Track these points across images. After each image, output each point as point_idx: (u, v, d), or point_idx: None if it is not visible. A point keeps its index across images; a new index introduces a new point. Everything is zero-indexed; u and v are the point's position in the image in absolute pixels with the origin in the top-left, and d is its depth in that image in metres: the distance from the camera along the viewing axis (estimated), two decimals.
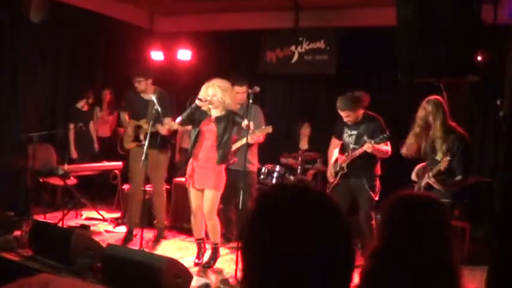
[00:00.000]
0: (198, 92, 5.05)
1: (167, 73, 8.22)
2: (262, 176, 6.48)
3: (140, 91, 5.81)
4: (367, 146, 4.88)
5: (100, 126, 8.05)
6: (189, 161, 5.10)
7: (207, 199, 4.93)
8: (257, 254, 1.12)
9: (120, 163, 6.86)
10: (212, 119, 4.99)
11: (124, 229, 6.03)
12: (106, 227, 6.41)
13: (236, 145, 5.45)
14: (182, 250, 5.60)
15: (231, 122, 4.95)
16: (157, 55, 8.27)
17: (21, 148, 6.49)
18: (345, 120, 5.10)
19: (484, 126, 6.59)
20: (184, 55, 8.22)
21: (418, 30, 4.34)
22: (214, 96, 4.91)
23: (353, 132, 5.14)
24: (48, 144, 7.09)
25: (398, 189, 1.97)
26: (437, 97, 4.45)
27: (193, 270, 4.70)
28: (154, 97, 5.36)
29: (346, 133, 5.22)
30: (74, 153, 7.48)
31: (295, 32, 7.72)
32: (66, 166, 6.29)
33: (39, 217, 6.00)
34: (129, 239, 5.77)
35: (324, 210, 1.13)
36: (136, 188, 5.88)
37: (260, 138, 5.52)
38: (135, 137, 5.85)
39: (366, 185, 5.05)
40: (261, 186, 6.27)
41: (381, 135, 4.86)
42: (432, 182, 4.35)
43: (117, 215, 6.81)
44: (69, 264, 4.43)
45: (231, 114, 4.98)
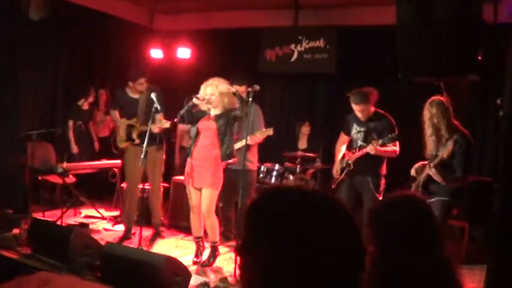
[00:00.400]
0: (197, 91, 5.03)
1: (167, 71, 8.22)
2: (261, 175, 6.47)
3: (139, 92, 5.78)
4: (370, 148, 4.87)
5: (98, 125, 8.04)
6: (188, 160, 5.09)
7: (205, 198, 4.92)
8: (257, 254, 1.11)
9: (119, 161, 6.85)
10: (211, 117, 4.98)
11: (123, 227, 6.03)
12: (105, 225, 6.41)
13: (236, 146, 5.45)
14: (181, 248, 5.60)
15: (232, 118, 4.94)
16: (156, 53, 8.27)
17: (20, 146, 6.48)
18: (359, 115, 5.07)
19: (484, 125, 6.58)
20: (183, 53, 8.22)
21: (418, 29, 4.33)
22: (212, 95, 4.90)
23: (362, 129, 5.12)
24: (47, 142, 7.09)
25: (396, 186, 1.98)
26: (439, 97, 4.44)
27: (192, 268, 4.70)
28: (154, 96, 5.33)
29: (355, 129, 5.20)
30: (75, 147, 7.46)
31: (294, 31, 7.72)
32: (65, 164, 6.29)
33: (38, 215, 5.99)
34: (128, 237, 5.78)
35: (334, 213, 1.12)
36: (132, 187, 5.88)
37: (260, 138, 5.54)
38: (128, 136, 5.84)
39: (371, 184, 5.03)
40: (260, 185, 6.27)
41: (389, 134, 4.86)
42: (432, 173, 4.34)
43: (116, 213, 6.81)
44: (68, 262, 4.43)
45: (231, 110, 4.97)
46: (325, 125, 7.56)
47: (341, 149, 5.36)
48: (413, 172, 4.64)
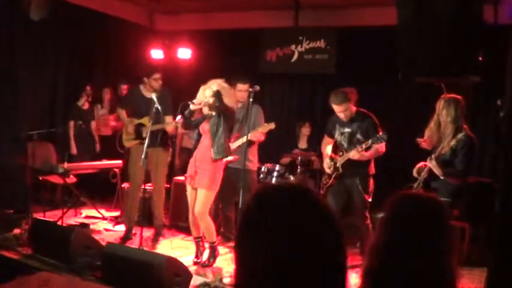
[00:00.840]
0: (196, 92, 5.03)
1: (167, 72, 8.21)
2: (261, 175, 6.47)
3: (154, 89, 5.71)
4: (354, 154, 4.83)
5: (101, 124, 8.04)
6: (190, 160, 5.09)
7: (199, 199, 4.90)
8: (247, 254, 1.14)
9: (119, 161, 6.86)
10: (208, 120, 4.98)
11: (123, 227, 6.04)
12: (105, 226, 6.41)
13: (237, 143, 5.44)
14: (181, 249, 5.60)
15: (222, 117, 4.88)
16: (157, 53, 8.26)
17: (20, 146, 6.48)
18: (341, 116, 5.01)
19: (485, 126, 6.58)
20: (184, 54, 8.22)
21: (419, 29, 4.33)
22: (211, 97, 4.88)
23: (346, 130, 5.07)
24: (47, 142, 7.09)
25: (397, 186, 1.97)
26: (455, 96, 4.46)
27: (192, 268, 4.70)
28: (154, 96, 5.33)
29: (338, 131, 5.14)
30: (74, 148, 7.47)
31: (295, 31, 7.72)
32: (65, 164, 6.29)
33: (38, 215, 5.99)
34: (129, 238, 5.77)
35: (317, 216, 1.15)
36: (135, 187, 5.87)
37: (261, 136, 5.51)
38: (137, 135, 5.82)
39: (360, 186, 5.00)
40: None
41: (375, 134, 4.79)
42: (433, 166, 4.33)
43: (116, 214, 6.81)
44: (68, 262, 4.43)
45: (223, 110, 4.90)
46: (325, 126, 7.55)
47: (327, 149, 5.32)
48: (415, 172, 4.64)
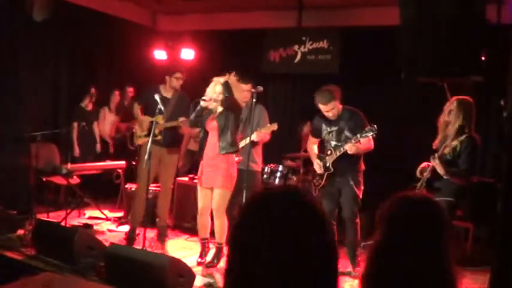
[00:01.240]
0: (201, 92, 5.04)
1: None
2: (265, 176, 6.47)
3: (173, 88, 5.76)
4: (349, 147, 4.77)
5: (108, 126, 8.05)
6: (200, 163, 5.10)
7: (216, 198, 4.92)
8: (239, 257, 1.16)
9: (123, 162, 6.86)
10: (215, 116, 4.98)
11: (127, 228, 6.04)
12: (109, 226, 6.43)
13: (240, 144, 5.45)
14: (185, 249, 5.61)
15: (231, 112, 4.90)
16: (160, 54, 8.27)
17: (24, 147, 6.49)
18: (329, 115, 4.97)
19: (487, 126, 6.57)
20: (187, 54, 8.23)
21: (421, 29, 4.33)
22: (221, 94, 4.89)
23: (333, 128, 5.02)
24: (51, 143, 7.11)
25: (397, 186, 1.98)
26: (467, 98, 4.43)
27: (196, 269, 4.71)
28: (157, 97, 5.33)
29: (325, 130, 5.09)
30: (77, 150, 7.48)
31: (298, 32, 7.72)
32: (69, 165, 6.31)
33: (42, 216, 6.01)
34: (132, 238, 5.77)
35: (311, 222, 1.17)
36: (142, 186, 5.85)
37: (266, 136, 5.50)
38: (149, 133, 5.80)
39: (351, 181, 4.95)
40: (265, 186, 6.26)
41: (363, 129, 4.73)
42: (436, 164, 4.32)
43: (120, 214, 6.82)
44: (72, 263, 4.44)
45: (230, 104, 4.92)
46: None
47: (313, 148, 5.30)
48: (418, 173, 4.63)
